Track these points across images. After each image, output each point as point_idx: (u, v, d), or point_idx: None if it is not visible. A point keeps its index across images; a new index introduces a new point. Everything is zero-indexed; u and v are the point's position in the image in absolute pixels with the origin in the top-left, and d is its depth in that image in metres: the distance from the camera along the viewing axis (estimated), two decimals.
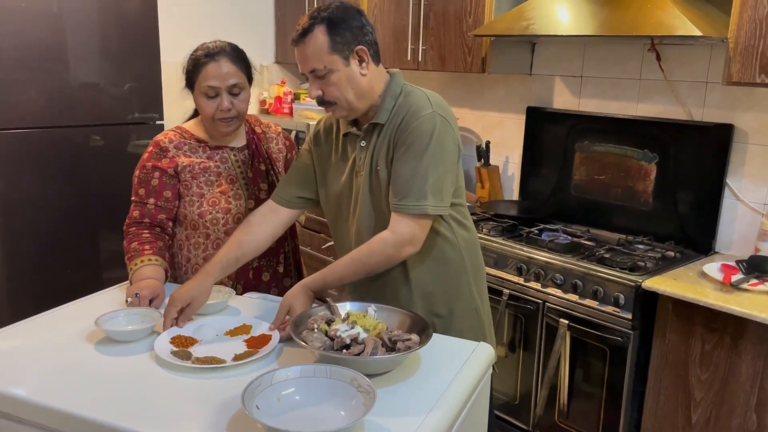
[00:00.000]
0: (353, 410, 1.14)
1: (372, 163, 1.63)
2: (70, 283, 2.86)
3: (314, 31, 1.53)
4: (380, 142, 1.62)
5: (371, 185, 1.64)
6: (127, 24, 2.92)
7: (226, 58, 1.78)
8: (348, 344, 1.36)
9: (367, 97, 1.61)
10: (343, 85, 1.56)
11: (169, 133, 1.88)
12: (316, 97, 1.59)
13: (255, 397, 1.14)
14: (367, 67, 1.58)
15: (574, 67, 3.00)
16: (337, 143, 1.73)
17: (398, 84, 1.65)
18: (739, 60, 2.16)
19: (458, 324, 1.70)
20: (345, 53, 1.55)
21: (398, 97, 1.63)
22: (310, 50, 1.54)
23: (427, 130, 1.55)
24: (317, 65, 1.54)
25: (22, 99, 2.68)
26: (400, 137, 1.57)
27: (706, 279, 2.26)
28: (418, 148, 1.54)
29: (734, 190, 2.55)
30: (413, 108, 1.58)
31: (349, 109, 1.60)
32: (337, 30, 1.53)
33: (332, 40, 1.53)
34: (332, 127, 1.76)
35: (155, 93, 3.05)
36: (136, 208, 1.83)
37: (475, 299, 1.75)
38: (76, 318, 1.58)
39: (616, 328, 2.30)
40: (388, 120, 1.61)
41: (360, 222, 1.67)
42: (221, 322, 1.57)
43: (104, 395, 1.25)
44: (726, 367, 2.11)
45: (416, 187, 1.53)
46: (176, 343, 1.45)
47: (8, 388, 1.27)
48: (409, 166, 1.54)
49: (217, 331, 1.53)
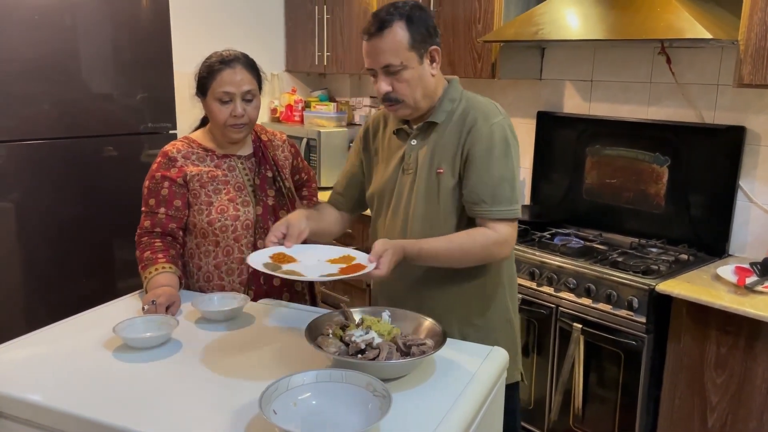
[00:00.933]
0: (369, 415, 1.15)
1: (430, 165, 1.63)
2: (85, 293, 2.89)
3: (393, 25, 1.52)
4: (441, 143, 1.62)
5: (428, 187, 1.63)
6: (140, 35, 2.96)
7: (241, 65, 1.82)
8: (363, 349, 1.36)
9: (431, 98, 1.62)
10: (414, 83, 1.56)
11: (177, 143, 1.91)
12: (385, 93, 1.58)
13: (272, 402, 1.15)
14: (437, 68, 1.60)
15: (584, 72, 3.00)
16: (384, 140, 1.74)
17: (457, 89, 1.67)
18: (750, 62, 2.16)
19: (493, 335, 1.70)
20: (421, 51, 1.55)
21: (457, 102, 1.64)
22: (388, 44, 1.53)
23: (503, 136, 1.58)
24: (393, 60, 1.53)
25: (36, 111, 2.71)
26: (474, 142, 1.58)
27: (720, 282, 2.25)
28: (499, 154, 1.56)
29: (747, 193, 2.54)
30: (484, 114, 1.60)
31: (414, 108, 1.61)
32: (417, 27, 1.53)
33: (412, 36, 1.53)
34: (380, 124, 1.78)
35: (168, 103, 3.08)
36: (146, 218, 1.85)
37: (509, 311, 1.75)
38: (94, 326, 1.60)
39: (630, 332, 2.29)
40: (446, 121, 1.62)
41: (407, 222, 1.66)
42: (327, 251, 1.59)
43: (123, 401, 1.26)
44: (742, 370, 2.09)
45: (506, 191, 1.56)
46: (275, 258, 1.50)
47: (28, 395, 1.28)
48: (494, 172, 1.56)
49: (320, 257, 1.55)
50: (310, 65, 4.04)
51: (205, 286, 1.88)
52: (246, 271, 1.87)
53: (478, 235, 1.57)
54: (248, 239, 1.87)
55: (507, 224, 1.58)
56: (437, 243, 1.56)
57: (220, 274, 1.87)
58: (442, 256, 1.56)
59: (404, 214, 1.67)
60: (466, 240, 1.57)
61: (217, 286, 1.87)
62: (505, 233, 1.57)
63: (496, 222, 1.57)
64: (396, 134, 1.71)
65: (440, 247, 1.56)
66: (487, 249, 1.56)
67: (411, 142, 1.66)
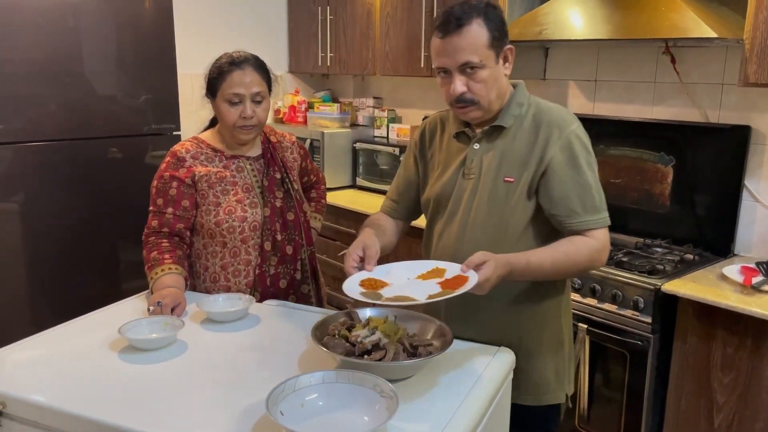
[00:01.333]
0: (377, 415, 1.15)
1: (497, 171, 1.55)
2: (90, 294, 2.89)
3: (472, 23, 1.45)
4: (510, 149, 1.55)
5: (492, 194, 1.56)
6: (144, 36, 2.96)
7: (251, 67, 1.82)
8: (369, 350, 1.36)
9: (502, 99, 1.56)
10: (490, 84, 1.50)
11: (185, 144, 1.90)
12: (460, 94, 1.50)
13: (279, 403, 1.15)
14: (510, 69, 1.54)
15: (588, 71, 2.99)
16: (442, 144, 1.68)
17: (524, 94, 1.60)
18: (756, 61, 2.15)
19: (541, 355, 1.63)
20: (498, 50, 1.50)
21: (525, 107, 1.57)
22: (467, 42, 1.46)
23: (582, 143, 1.53)
24: (473, 58, 1.46)
25: (40, 112, 2.71)
26: (554, 153, 1.51)
27: (726, 281, 2.25)
28: (582, 162, 1.51)
29: (753, 192, 2.53)
30: (560, 121, 1.53)
31: (487, 109, 1.54)
32: (495, 25, 1.48)
33: (491, 35, 1.47)
34: (436, 128, 1.72)
35: (172, 104, 3.09)
36: (154, 217, 1.85)
37: (561, 332, 1.67)
38: (99, 327, 1.60)
39: (635, 332, 2.29)
40: (515, 126, 1.56)
41: (465, 229, 1.59)
42: (411, 266, 1.51)
43: (128, 402, 1.26)
44: (748, 370, 2.08)
45: (596, 199, 1.52)
46: (366, 285, 1.44)
47: (34, 396, 1.28)
48: (581, 181, 1.51)
49: (408, 275, 1.49)
50: (313, 66, 4.05)
51: (212, 287, 1.88)
52: (252, 273, 1.87)
53: (581, 244, 1.50)
54: (255, 241, 1.86)
55: (602, 231, 1.53)
56: (543, 254, 1.49)
57: (226, 275, 1.87)
58: (548, 267, 1.48)
59: (462, 221, 1.59)
60: (572, 249, 1.50)
61: (224, 287, 1.87)
62: (604, 240, 1.52)
63: (592, 230, 1.51)
64: (456, 137, 1.63)
65: (546, 259, 1.48)
66: (592, 257, 1.51)
67: (474, 146, 1.59)
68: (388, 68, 3.55)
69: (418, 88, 3.88)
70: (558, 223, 1.54)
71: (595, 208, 1.52)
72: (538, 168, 1.52)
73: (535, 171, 1.52)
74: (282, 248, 1.90)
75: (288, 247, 1.92)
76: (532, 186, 1.53)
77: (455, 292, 1.35)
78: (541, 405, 1.64)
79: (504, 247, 1.53)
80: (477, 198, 1.57)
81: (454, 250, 1.59)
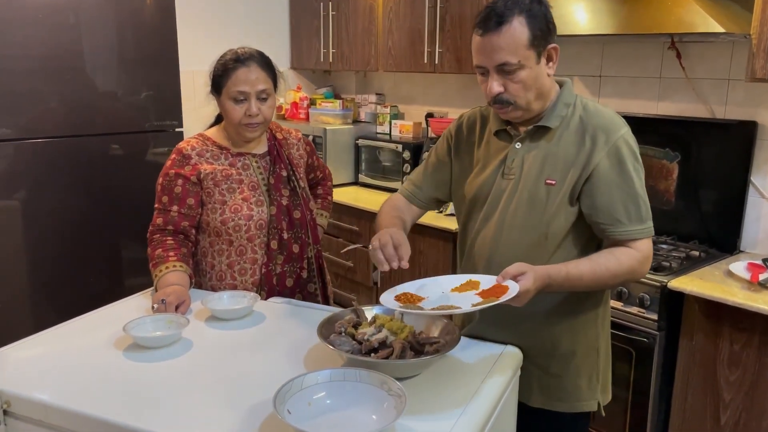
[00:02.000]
0: (385, 414, 1.13)
1: (539, 173, 1.49)
2: (93, 292, 2.88)
3: (513, 21, 1.38)
4: (555, 152, 1.49)
5: (533, 196, 1.49)
6: (145, 33, 2.94)
7: (256, 63, 1.80)
8: (376, 348, 1.35)
9: (544, 100, 1.49)
10: (529, 84, 1.43)
11: (191, 141, 1.89)
12: (496, 94, 1.45)
13: (286, 401, 1.13)
14: (553, 68, 1.47)
15: (592, 67, 2.98)
16: (481, 141, 1.61)
17: (571, 94, 1.53)
18: (763, 56, 2.13)
19: (574, 361, 1.58)
20: (539, 50, 1.42)
21: (572, 108, 1.51)
22: (506, 41, 1.39)
23: (631, 150, 1.47)
24: (511, 59, 1.40)
25: (41, 109, 2.70)
26: (601, 158, 1.45)
27: (732, 278, 2.23)
28: (630, 169, 1.46)
29: (759, 188, 2.51)
30: (608, 125, 1.47)
31: (525, 110, 1.48)
32: (537, 23, 1.40)
33: (532, 33, 1.39)
34: (476, 122, 1.65)
35: (174, 101, 3.07)
36: (159, 215, 1.84)
37: (597, 338, 1.62)
38: (103, 325, 1.59)
39: (641, 329, 2.28)
40: (560, 128, 1.49)
41: (501, 230, 1.53)
42: (445, 281, 1.47)
43: (133, 400, 1.25)
44: (756, 367, 2.07)
45: (642, 209, 1.46)
46: (402, 300, 1.40)
47: (38, 394, 1.27)
48: (628, 189, 1.45)
49: (443, 289, 1.45)
50: (315, 62, 4.03)
51: (218, 285, 1.86)
52: (259, 271, 1.86)
53: (623, 255, 1.45)
54: (262, 239, 1.85)
55: (646, 241, 1.47)
56: (583, 267, 1.43)
57: (232, 273, 1.86)
58: (587, 280, 1.43)
59: (499, 222, 1.53)
60: (612, 261, 1.44)
61: (230, 285, 1.86)
62: (647, 250, 1.47)
63: (635, 241, 1.46)
64: (497, 135, 1.57)
65: (586, 271, 1.42)
66: (633, 269, 1.45)
67: (515, 146, 1.52)
68: (391, 64, 3.53)
69: (420, 84, 3.87)
70: (600, 231, 1.48)
71: (640, 218, 1.46)
72: (582, 173, 1.46)
73: (580, 176, 1.46)
74: (288, 247, 1.89)
75: (294, 245, 1.90)
76: (575, 191, 1.47)
77: (500, 300, 1.30)
78: (572, 412, 1.60)
79: (542, 252, 1.50)
80: (516, 199, 1.51)
81: (489, 252, 1.55)
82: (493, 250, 1.54)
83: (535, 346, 1.55)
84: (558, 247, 1.51)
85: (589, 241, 1.54)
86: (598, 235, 1.50)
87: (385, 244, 1.46)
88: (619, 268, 1.44)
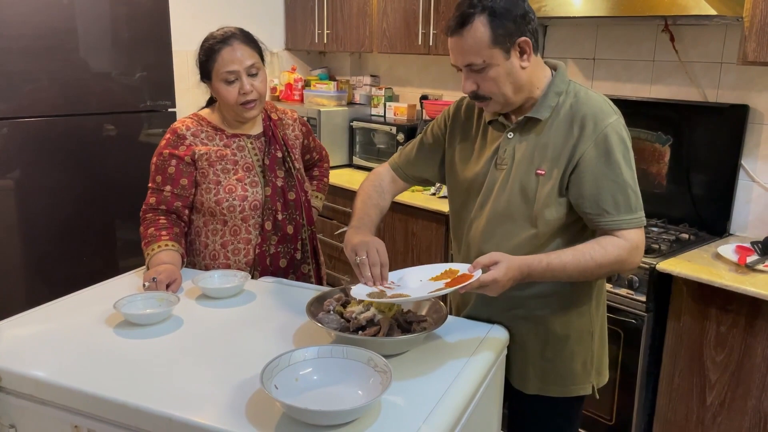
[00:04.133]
0: (371, 389, 1.15)
1: (529, 163, 1.49)
2: (86, 271, 2.89)
3: (474, 21, 1.38)
4: (544, 142, 1.48)
5: (523, 187, 1.49)
6: (138, 13, 2.93)
7: (238, 41, 1.79)
8: (364, 326, 1.37)
9: (525, 91, 1.47)
10: (501, 80, 1.43)
11: (186, 121, 1.89)
12: (470, 92, 1.47)
13: (273, 377, 1.15)
14: (528, 60, 1.44)
15: (586, 50, 2.97)
16: (478, 128, 1.61)
17: (564, 81, 1.50)
18: (755, 39, 2.14)
19: (568, 345, 1.58)
20: (506, 46, 1.40)
21: (564, 96, 1.49)
22: (469, 43, 1.39)
23: (620, 138, 1.44)
24: (475, 60, 1.40)
25: (34, 88, 2.69)
26: (588, 147, 1.43)
27: (720, 261, 2.25)
28: (618, 158, 1.43)
29: (749, 172, 2.53)
30: (596, 113, 1.45)
31: (504, 104, 1.48)
32: (500, 20, 1.38)
33: (494, 32, 1.38)
34: (474, 108, 1.63)
35: (167, 81, 3.06)
36: (152, 194, 1.84)
37: (591, 323, 1.60)
38: (95, 302, 1.60)
39: (630, 311, 2.30)
40: (551, 118, 1.48)
41: (493, 220, 1.53)
42: (426, 270, 1.49)
43: (124, 376, 1.27)
44: (741, 348, 2.10)
45: (631, 198, 1.44)
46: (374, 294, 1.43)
47: (30, 370, 1.29)
48: (616, 178, 1.43)
49: (422, 277, 1.47)
50: (309, 43, 4.01)
51: (211, 265, 1.87)
52: (252, 252, 1.87)
53: (609, 245, 1.42)
54: (256, 220, 1.86)
55: (635, 231, 1.44)
56: (566, 256, 1.42)
57: (226, 253, 1.87)
58: (571, 269, 1.41)
59: (491, 212, 1.53)
60: (598, 251, 1.42)
61: (223, 265, 1.87)
62: (637, 240, 1.44)
63: (624, 230, 1.44)
64: (491, 124, 1.57)
65: (569, 261, 1.41)
66: (620, 258, 1.43)
67: (507, 135, 1.52)
68: (386, 45, 3.52)
69: (415, 66, 3.86)
70: (589, 221, 1.47)
71: (629, 208, 1.44)
72: (569, 163, 1.45)
73: (566, 166, 1.45)
74: (283, 228, 1.90)
75: (289, 226, 1.91)
76: (564, 181, 1.46)
77: (452, 289, 1.34)
78: (567, 396, 1.60)
79: (534, 243, 1.49)
80: (508, 189, 1.51)
81: (480, 241, 1.55)
82: (484, 240, 1.54)
83: (529, 330, 1.56)
84: (550, 238, 1.50)
85: (582, 233, 1.53)
86: (588, 225, 1.50)
87: (374, 263, 1.47)
88: (604, 257, 1.42)
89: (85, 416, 1.23)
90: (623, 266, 1.46)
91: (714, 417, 2.20)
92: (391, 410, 1.15)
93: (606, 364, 1.69)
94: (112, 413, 1.19)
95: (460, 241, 1.65)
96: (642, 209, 1.47)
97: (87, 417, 1.22)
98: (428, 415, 1.14)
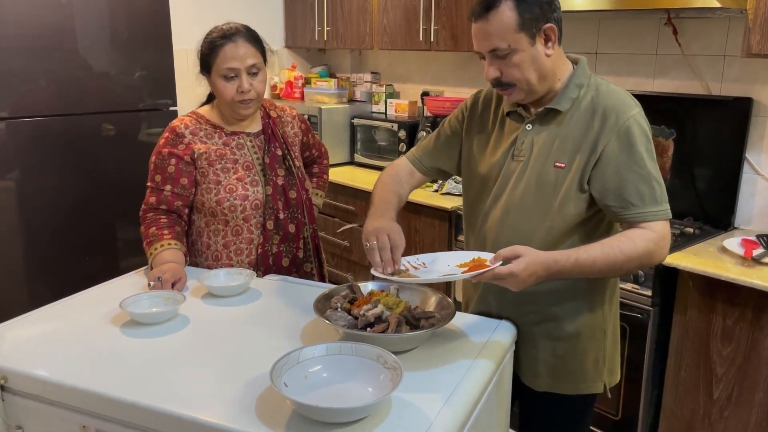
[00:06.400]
0: (381, 386, 1.14)
1: (547, 155, 1.47)
2: (87, 271, 2.88)
3: (500, 5, 1.37)
4: (564, 134, 1.46)
5: (541, 179, 1.47)
6: (138, 11, 2.91)
7: (243, 38, 1.77)
8: (372, 322, 1.36)
9: (549, 80, 1.46)
10: (525, 66, 1.41)
11: (184, 119, 1.87)
12: (494, 79, 1.45)
13: (282, 375, 1.14)
14: (553, 48, 1.43)
15: (588, 44, 2.96)
16: (495, 119, 1.59)
17: (585, 74, 1.50)
18: (759, 31, 2.12)
19: (580, 344, 1.56)
20: (532, 31, 1.39)
21: (585, 89, 1.47)
22: (494, 27, 1.38)
23: (642, 130, 1.43)
24: (500, 44, 1.39)
25: (33, 88, 2.68)
26: (610, 140, 1.41)
27: (726, 254, 2.25)
28: (641, 150, 1.41)
29: (754, 165, 2.52)
30: (618, 106, 1.43)
31: (528, 91, 1.46)
32: (527, 5, 1.37)
33: (521, 16, 1.37)
34: (491, 100, 1.62)
35: (168, 79, 3.05)
36: (152, 194, 1.83)
37: (604, 321, 1.58)
38: (100, 302, 1.59)
39: (635, 305, 2.29)
40: (571, 110, 1.46)
41: (508, 213, 1.51)
42: (458, 256, 1.47)
43: (132, 376, 1.26)
44: (748, 342, 2.09)
45: (656, 190, 1.41)
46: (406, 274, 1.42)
47: (36, 370, 1.28)
48: (640, 171, 1.41)
49: (450, 262, 1.46)
50: (309, 41, 4.00)
51: (214, 265, 1.86)
52: (255, 251, 1.86)
53: (638, 238, 1.39)
54: (257, 219, 1.85)
55: (663, 223, 1.42)
56: (594, 251, 1.38)
57: (228, 253, 1.86)
58: (600, 264, 1.38)
59: (506, 204, 1.51)
60: (627, 244, 1.39)
61: (226, 265, 1.85)
62: (664, 232, 1.41)
63: (650, 222, 1.41)
64: (509, 116, 1.55)
65: (598, 255, 1.37)
66: (649, 251, 1.39)
67: (526, 127, 1.50)
68: (386, 42, 3.51)
69: (416, 63, 3.84)
70: (613, 215, 1.44)
71: (654, 200, 1.41)
72: (590, 156, 1.43)
73: (588, 159, 1.43)
74: (284, 227, 1.89)
75: (290, 225, 1.90)
76: (585, 175, 1.44)
77: (458, 277, 1.34)
78: (578, 394, 1.59)
79: (549, 238, 1.47)
80: (524, 181, 1.49)
81: (495, 233, 1.53)
82: (498, 233, 1.53)
83: (540, 327, 1.55)
84: (566, 233, 1.48)
85: (596, 229, 1.51)
86: (612, 220, 1.48)
87: (384, 247, 1.45)
88: (634, 250, 1.38)
89: (93, 416, 1.22)
90: (652, 259, 1.42)
91: (721, 411, 2.19)
92: (401, 407, 1.14)
93: (618, 362, 1.66)
94: (121, 413, 1.18)
95: (473, 233, 1.63)
96: (667, 201, 1.44)
97: (95, 417, 1.22)
98: (438, 412, 1.13)
